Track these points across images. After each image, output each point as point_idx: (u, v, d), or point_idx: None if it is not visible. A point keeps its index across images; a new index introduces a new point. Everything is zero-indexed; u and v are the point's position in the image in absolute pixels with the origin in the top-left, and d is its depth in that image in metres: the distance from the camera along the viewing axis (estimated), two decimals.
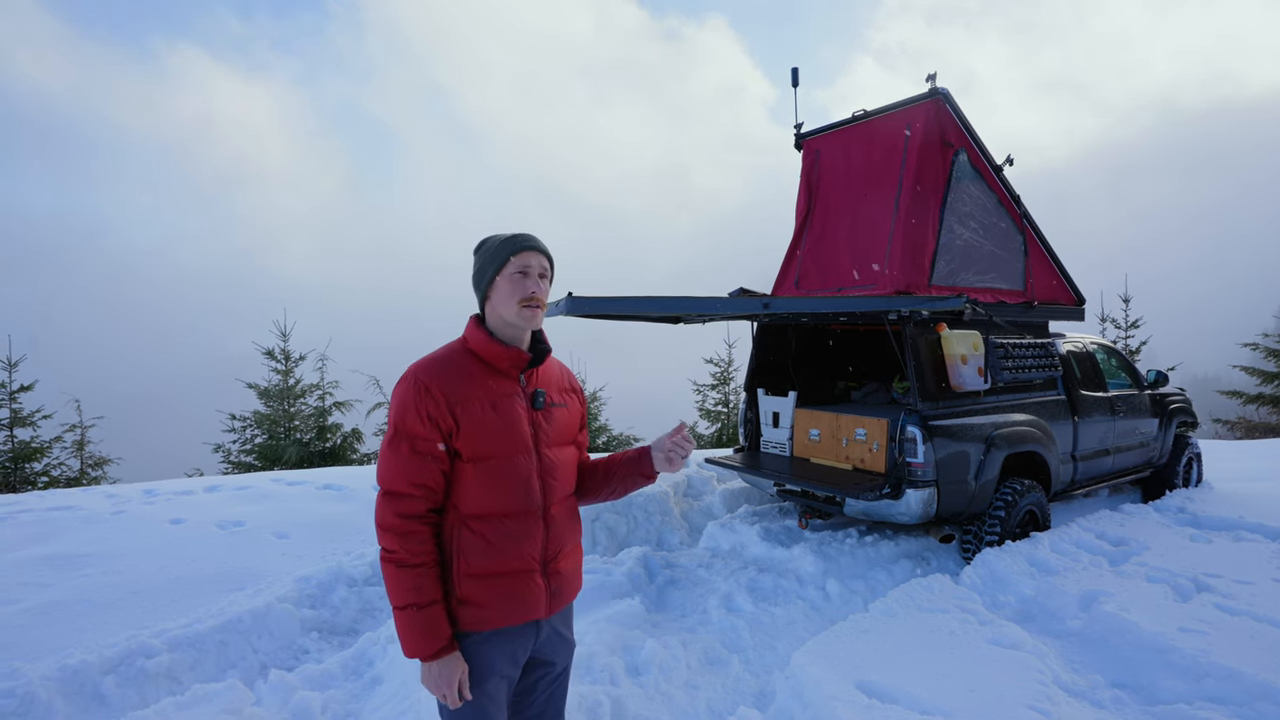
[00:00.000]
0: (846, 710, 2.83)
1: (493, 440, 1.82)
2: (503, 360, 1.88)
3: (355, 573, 4.21)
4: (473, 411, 1.80)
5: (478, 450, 1.80)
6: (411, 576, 1.74)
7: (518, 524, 1.85)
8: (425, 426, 1.76)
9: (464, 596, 1.81)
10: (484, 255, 1.92)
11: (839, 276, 5.42)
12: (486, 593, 1.81)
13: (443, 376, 1.81)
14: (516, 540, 1.85)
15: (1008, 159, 5.40)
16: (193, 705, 3.02)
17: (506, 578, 1.84)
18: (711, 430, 14.64)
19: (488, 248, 1.92)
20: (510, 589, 1.84)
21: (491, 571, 1.82)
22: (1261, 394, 16.60)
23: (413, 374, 1.82)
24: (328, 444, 12.54)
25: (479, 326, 1.91)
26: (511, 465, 1.84)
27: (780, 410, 5.59)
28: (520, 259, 1.88)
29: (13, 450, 10.91)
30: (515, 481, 1.85)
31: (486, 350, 1.87)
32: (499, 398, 1.86)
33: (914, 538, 5.01)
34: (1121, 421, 6.07)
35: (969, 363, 4.63)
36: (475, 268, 1.94)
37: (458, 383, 1.82)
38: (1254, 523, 5.21)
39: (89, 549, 4.28)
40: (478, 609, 1.81)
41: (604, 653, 3.36)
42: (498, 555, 1.82)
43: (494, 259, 1.89)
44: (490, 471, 1.81)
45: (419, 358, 1.88)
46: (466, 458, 1.80)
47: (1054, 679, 3.15)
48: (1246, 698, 2.96)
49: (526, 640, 1.91)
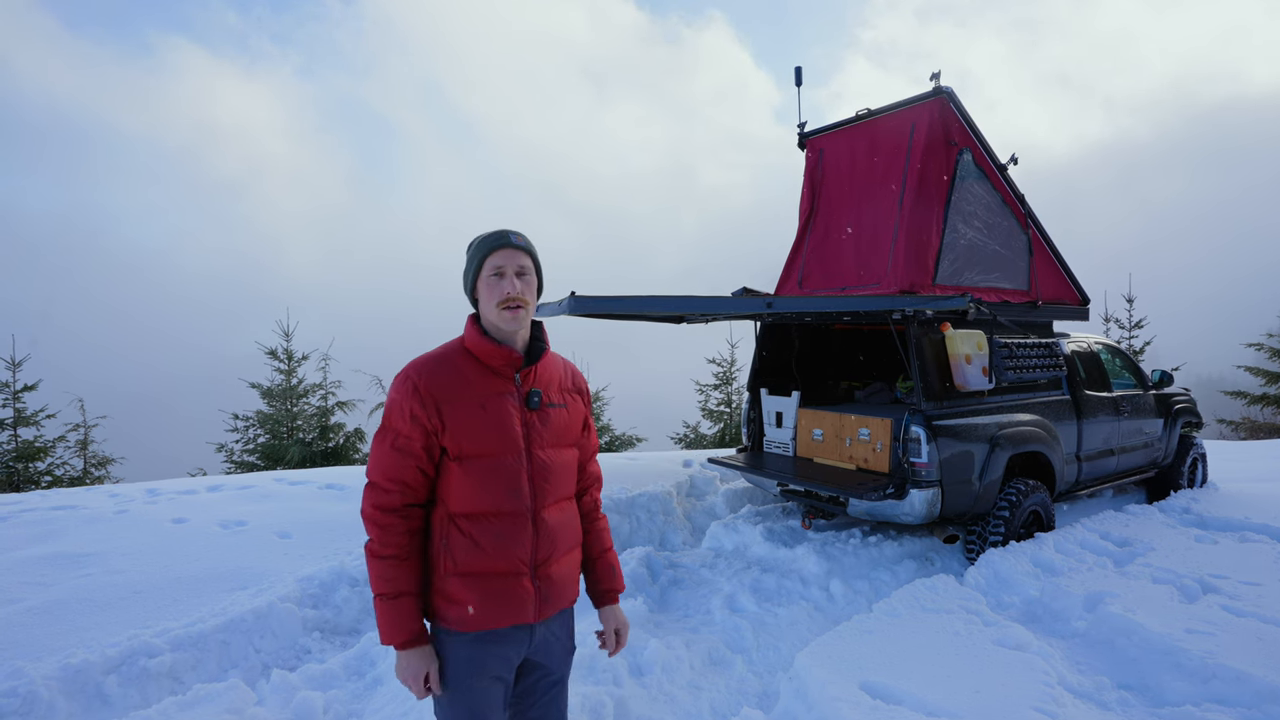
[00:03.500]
0: (851, 711, 2.82)
1: (479, 440, 1.81)
2: (496, 359, 1.87)
3: (357, 573, 4.20)
4: (459, 411, 1.80)
5: (464, 449, 1.80)
6: (384, 567, 1.77)
7: (506, 524, 1.83)
8: (408, 424, 1.78)
9: (450, 594, 1.81)
10: (471, 252, 1.91)
11: (842, 276, 5.40)
12: (471, 592, 1.80)
13: (433, 376, 1.82)
14: (504, 541, 1.83)
15: (1012, 158, 5.38)
16: (195, 705, 3.02)
17: (493, 578, 1.82)
18: (714, 430, 14.62)
19: (473, 243, 1.92)
20: (496, 590, 1.82)
21: (477, 571, 1.81)
22: (1266, 394, 16.57)
23: (405, 372, 1.83)
24: (330, 444, 12.56)
25: (475, 326, 1.91)
26: (499, 465, 1.82)
27: (784, 410, 5.58)
28: (494, 260, 1.85)
29: (16, 449, 10.94)
30: (503, 481, 1.83)
31: (481, 349, 1.87)
32: (489, 397, 1.84)
33: (918, 538, 4.99)
34: (1126, 422, 6.05)
35: (973, 362, 4.62)
36: (466, 266, 1.93)
37: (447, 382, 1.82)
38: (1260, 523, 5.19)
39: (92, 548, 4.28)
40: (462, 608, 1.80)
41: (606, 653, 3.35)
42: (484, 555, 1.81)
43: (472, 261, 1.89)
44: (478, 470, 1.81)
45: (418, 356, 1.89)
46: (453, 456, 1.80)
47: (1059, 680, 3.13)
48: (1254, 700, 2.94)
49: (519, 644, 1.89)
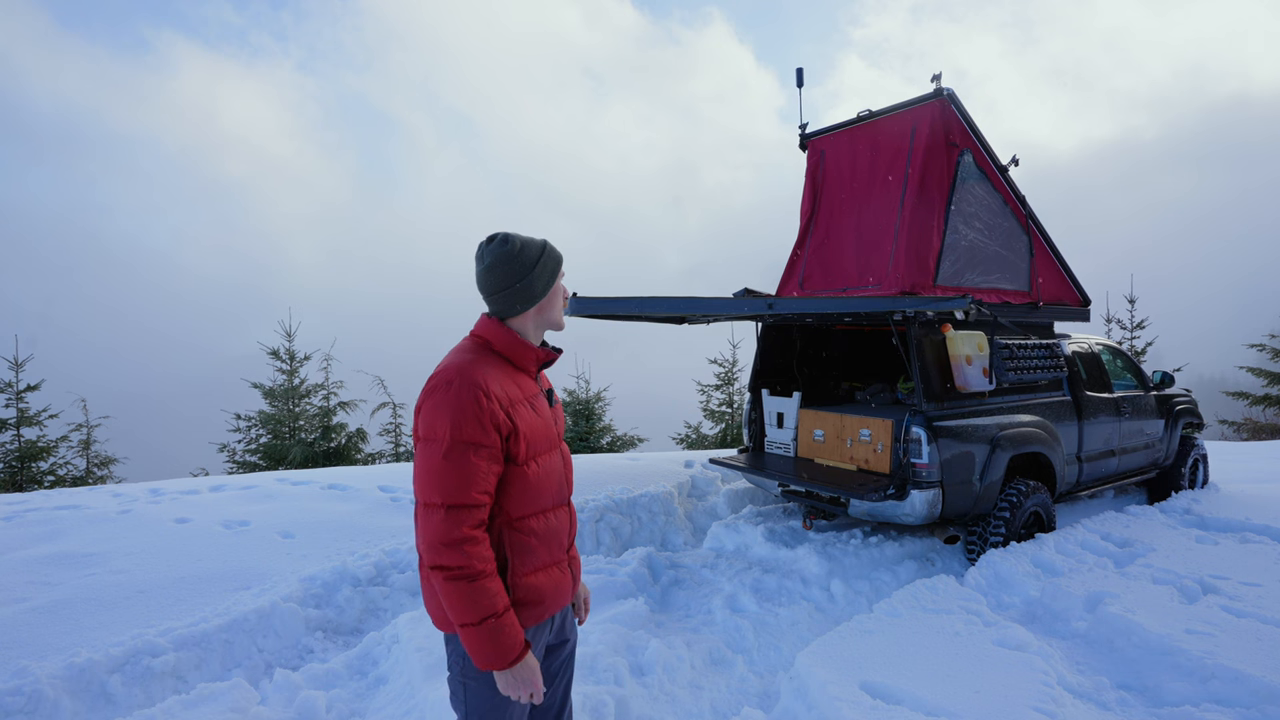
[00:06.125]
0: (851, 711, 2.83)
1: (538, 440, 1.85)
2: (529, 359, 1.89)
3: (360, 573, 4.22)
4: (523, 413, 1.82)
5: (529, 451, 1.82)
6: (485, 587, 1.68)
7: (555, 518, 1.91)
8: (488, 432, 1.71)
9: (519, 598, 1.81)
10: (546, 262, 1.88)
11: (843, 277, 5.41)
12: (535, 591, 1.84)
13: (495, 381, 1.77)
14: (555, 534, 1.91)
15: (1013, 159, 5.39)
16: (198, 704, 3.04)
17: (549, 570, 1.89)
18: (716, 430, 14.62)
19: (549, 255, 1.89)
20: (551, 582, 1.89)
21: (538, 568, 1.86)
22: (1268, 395, 16.55)
23: (461, 379, 1.72)
24: (332, 444, 12.56)
25: (503, 326, 1.87)
26: (552, 463, 1.90)
27: (785, 411, 5.59)
28: (562, 266, 1.94)
29: (19, 449, 10.96)
30: (554, 478, 1.91)
31: (515, 350, 1.86)
32: (533, 398, 1.89)
33: (919, 539, 5.00)
34: (1127, 422, 6.05)
35: (974, 363, 4.62)
36: (528, 273, 1.85)
37: (505, 385, 1.79)
38: (1260, 524, 5.19)
39: (95, 548, 4.29)
40: (529, 609, 1.83)
41: (608, 653, 3.36)
42: (543, 551, 1.87)
43: (551, 270, 1.90)
44: (539, 472, 1.85)
45: (441, 361, 1.82)
46: (520, 460, 1.79)
47: (1059, 680, 3.14)
48: (1253, 700, 2.95)
49: (550, 627, 1.96)
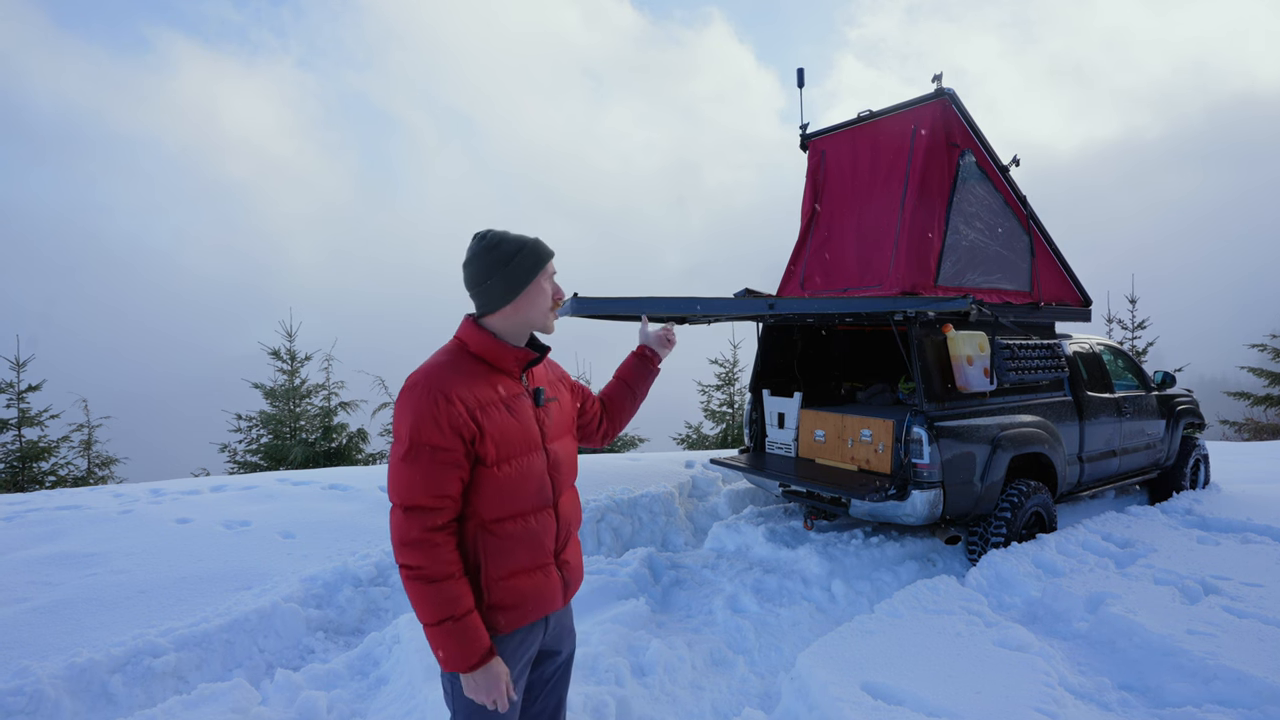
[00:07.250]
0: (852, 711, 2.83)
1: (513, 442, 1.82)
2: (508, 360, 1.86)
3: (361, 573, 4.22)
4: (493, 416, 1.79)
5: (500, 454, 1.79)
6: (445, 589, 1.70)
7: (535, 522, 1.87)
8: (446, 436, 1.71)
9: (495, 602, 1.81)
10: (524, 258, 1.84)
11: (844, 277, 5.41)
12: (514, 594, 1.83)
13: (460, 384, 1.76)
14: (536, 537, 1.87)
15: (1014, 160, 5.38)
16: (199, 704, 3.04)
17: (530, 574, 1.86)
18: (716, 431, 14.62)
19: (530, 251, 1.85)
20: (533, 585, 1.86)
21: (516, 571, 1.84)
22: (1269, 395, 16.53)
23: (425, 383, 1.74)
24: (333, 444, 12.56)
25: (478, 328, 1.86)
26: (529, 465, 1.85)
27: (785, 411, 5.59)
28: (549, 266, 1.90)
29: (20, 450, 10.96)
30: (533, 480, 1.86)
31: (491, 351, 1.85)
32: (510, 399, 1.86)
33: (919, 539, 4.99)
34: (1128, 423, 6.04)
35: (975, 364, 4.62)
36: (502, 268, 1.83)
37: (475, 388, 1.78)
38: (1262, 524, 5.18)
39: (96, 548, 4.30)
40: (506, 612, 1.82)
41: (609, 653, 3.36)
42: (522, 554, 1.84)
43: (538, 262, 1.86)
44: (511, 474, 1.82)
45: (418, 366, 1.81)
46: (490, 462, 1.78)
47: (1060, 681, 3.13)
48: (1255, 701, 2.94)
49: (539, 634, 1.94)
